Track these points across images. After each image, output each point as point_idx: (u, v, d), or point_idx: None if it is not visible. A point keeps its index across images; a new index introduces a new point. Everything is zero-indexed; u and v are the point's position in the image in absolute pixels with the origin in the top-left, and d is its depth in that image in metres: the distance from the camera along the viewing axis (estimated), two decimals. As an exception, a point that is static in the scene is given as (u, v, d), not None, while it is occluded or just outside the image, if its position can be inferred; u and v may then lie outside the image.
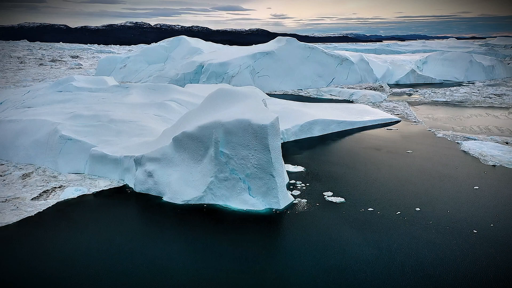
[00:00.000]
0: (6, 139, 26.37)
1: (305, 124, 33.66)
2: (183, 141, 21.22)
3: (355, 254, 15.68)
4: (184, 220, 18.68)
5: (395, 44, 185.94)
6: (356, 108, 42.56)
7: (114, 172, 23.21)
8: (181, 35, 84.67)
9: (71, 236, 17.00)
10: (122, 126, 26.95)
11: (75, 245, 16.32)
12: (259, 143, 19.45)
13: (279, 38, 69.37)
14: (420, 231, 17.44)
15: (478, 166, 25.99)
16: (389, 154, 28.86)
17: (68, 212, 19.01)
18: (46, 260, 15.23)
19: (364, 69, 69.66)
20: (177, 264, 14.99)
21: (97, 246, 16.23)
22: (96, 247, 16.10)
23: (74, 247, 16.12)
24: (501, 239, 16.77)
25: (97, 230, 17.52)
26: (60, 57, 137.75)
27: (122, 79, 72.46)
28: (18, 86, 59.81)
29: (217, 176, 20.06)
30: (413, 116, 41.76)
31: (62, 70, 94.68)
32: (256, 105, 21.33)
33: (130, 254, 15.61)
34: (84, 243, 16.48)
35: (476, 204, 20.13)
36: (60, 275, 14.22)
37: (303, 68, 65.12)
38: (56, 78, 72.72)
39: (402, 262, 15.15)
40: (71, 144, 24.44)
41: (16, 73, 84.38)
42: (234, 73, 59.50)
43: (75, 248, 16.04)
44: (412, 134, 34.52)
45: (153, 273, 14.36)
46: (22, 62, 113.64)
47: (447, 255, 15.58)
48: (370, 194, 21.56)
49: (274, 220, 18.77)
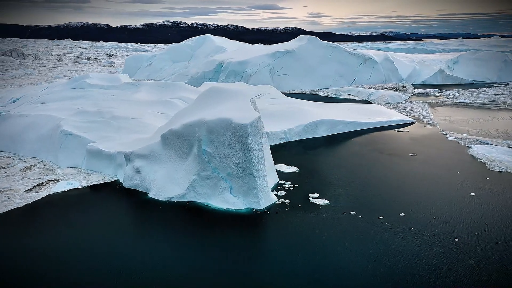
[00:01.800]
0: (15, 133, 27.78)
1: (310, 124, 33.19)
2: (170, 139, 21.54)
3: (327, 258, 15.34)
4: (164, 218, 18.95)
5: (431, 43, 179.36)
6: (370, 108, 41.46)
7: (108, 167, 23.90)
8: (207, 34, 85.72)
9: (51, 229, 17.68)
10: (123, 122, 27.68)
11: (54, 238, 16.97)
12: (240, 142, 19.43)
13: (301, 37, 68.72)
14: (398, 238, 16.82)
15: (483, 171, 24.68)
16: (391, 157, 27.96)
17: (54, 205, 19.78)
18: (22, 252, 15.93)
19: (389, 69, 67.73)
20: (151, 262, 15.19)
21: (74, 240, 16.76)
22: (73, 241, 16.62)
23: (52, 240, 16.76)
24: (481, 249, 15.89)
25: (78, 224, 18.11)
26: (96, 55, 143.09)
27: (147, 77, 74.32)
28: (49, 83, 62.73)
29: (199, 174, 20.21)
30: (429, 118, 40.19)
31: (94, 67, 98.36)
32: (243, 104, 21.29)
33: (105, 249, 16.03)
34: (63, 236, 17.09)
35: (466, 211, 19.15)
36: (34, 268, 14.84)
37: (324, 68, 64.19)
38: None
39: (373, 269, 14.69)
40: (71, 139, 25.39)
41: (51, 70, 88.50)
42: (253, 72, 59.57)
43: (53, 241, 16.68)
44: (422, 137, 33.25)
45: (127, 269, 14.66)
46: (60, 60, 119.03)
47: (420, 264, 14.93)
48: (358, 197, 21.01)
49: (252, 221, 18.68)
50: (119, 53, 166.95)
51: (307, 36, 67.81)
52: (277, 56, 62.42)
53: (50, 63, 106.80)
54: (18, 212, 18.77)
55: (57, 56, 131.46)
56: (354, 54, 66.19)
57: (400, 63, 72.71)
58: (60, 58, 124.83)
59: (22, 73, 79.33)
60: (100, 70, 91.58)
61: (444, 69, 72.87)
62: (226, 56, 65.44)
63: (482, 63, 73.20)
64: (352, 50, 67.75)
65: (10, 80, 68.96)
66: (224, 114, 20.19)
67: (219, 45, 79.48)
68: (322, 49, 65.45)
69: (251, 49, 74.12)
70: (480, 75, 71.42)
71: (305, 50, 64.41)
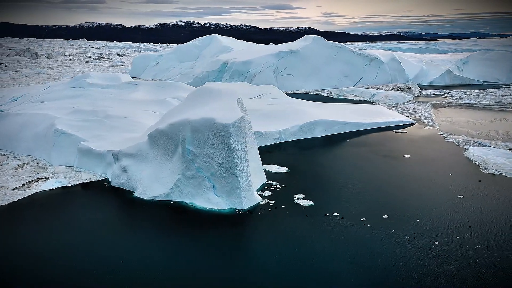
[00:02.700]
0: (11, 131, 28.29)
1: (306, 124, 33.00)
2: (157, 138, 21.67)
3: (303, 259, 15.24)
4: (147, 217, 19.05)
5: (443, 42, 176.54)
6: (371, 109, 41.01)
7: (99, 166, 24.15)
8: (214, 34, 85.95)
9: (32, 227, 17.94)
10: (116, 121, 27.95)
11: (33, 235, 17.21)
12: (222, 142, 19.43)
13: (306, 37, 68.38)
14: (377, 240, 16.61)
15: (476, 174, 24.19)
16: (384, 158, 27.62)
17: (39, 203, 20.07)
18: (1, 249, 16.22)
19: (395, 69, 66.91)
20: (130, 261, 15.24)
21: (53, 238, 16.99)
22: (52, 239, 16.85)
23: (32, 238, 17.01)
24: (461, 253, 15.58)
25: (59, 222, 18.36)
26: (107, 55, 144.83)
27: (154, 76, 74.91)
28: (52, 82, 63.72)
29: (184, 173, 20.28)
30: (431, 119, 39.58)
31: (104, 67, 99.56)
32: (228, 104, 21.27)
33: (84, 248, 16.19)
34: (42, 234, 17.33)
35: (451, 214, 18.80)
36: (11, 265, 15.10)
37: (329, 68, 63.77)
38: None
39: (348, 272, 14.56)
40: (64, 138, 25.74)
41: (61, 69, 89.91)
42: (257, 72, 59.53)
43: (32, 239, 16.92)
44: (419, 138, 32.77)
45: (105, 267, 14.79)
46: (72, 59, 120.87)
47: (397, 268, 14.72)
48: (343, 198, 20.82)
49: (233, 221, 18.66)
50: (131, 53, 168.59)
51: (312, 36, 67.43)
52: (281, 56, 62.24)
53: (61, 63, 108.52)
54: (1, 209, 19.08)
55: (69, 56, 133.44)
56: (359, 54, 65.59)
57: (408, 63, 71.77)
58: (72, 58, 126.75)
59: (33, 73, 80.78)
60: (109, 69, 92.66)
61: (453, 70, 71.69)
62: (230, 56, 65.54)
63: (492, 64, 71.81)
64: (358, 50, 67.12)
65: (19, 79, 70.29)
66: (208, 114, 20.22)
67: (225, 45, 79.61)
68: (327, 49, 65.03)
69: (257, 49, 74.04)
70: (490, 76, 70.06)
71: (310, 50, 64.07)
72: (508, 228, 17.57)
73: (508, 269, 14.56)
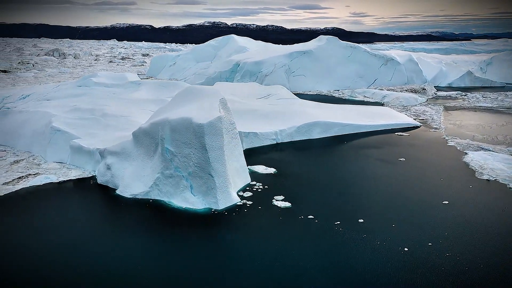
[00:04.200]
0: (13, 127, 29.41)
1: (303, 125, 32.66)
2: (140, 137, 21.99)
3: (268, 261, 15.04)
4: (123, 215, 19.34)
5: (471, 43, 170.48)
6: (376, 111, 40.12)
7: (89, 163, 24.73)
8: (231, 34, 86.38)
9: (8, 222, 18.57)
10: (111, 120, 28.55)
11: (6, 230, 17.82)
12: (198, 142, 19.51)
13: (320, 37, 67.66)
14: (346, 244, 16.23)
15: (469, 179, 23.23)
16: (377, 161, 26.96)
17: (23, 198, 20.70)
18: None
19: (412, 70, 65.17)
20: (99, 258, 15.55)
21: (26, 233, 17.49)
22: (25, 234, 17.37)
23: (11, 234, 17.61)
24: (428, 260, 15.00)
25: (37, 218, 18.89)
26: (132, 55, 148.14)
27: (170, 76, 76.02)
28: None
29: (163, 172, 20.48)
30: (438, 121, 38.31)
31: (126, 67, 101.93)
32: (209, 104, 21.31)
33: (55, 243, 16.64)
34: (17, 229, 17.90)
35: (430, 220, 18.14)
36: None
37: (343, 68, 62.85)
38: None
39: (309, 276, 14.29)
40: (59, 135, 26.51)
41: (84, 69, 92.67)
42: (268, 72, 59.38)
43: (11, 235, 17.52)
44: (420, 141, 31.78)
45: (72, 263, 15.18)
46: (97, 59, 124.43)
47: (361, 274, 14.32)
48: (323, 201, 20.47)
49: (206, 221, 18.66)
50: (156, 53, 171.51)
51: (326, 36, 66.64)
52: (294, 56, 61.84)
53: (86, 63, 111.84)
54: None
55: (96, 56, 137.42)
56: (375, 54, 64.29)
57: (426, 64, 69.75)
58: (98, 58, 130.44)
59: (56, 72, 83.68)
60: (129, 69, 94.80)
61: (475, 71, 69.18)
62: (244, 56, 65.67)
63: (517, 65, 68.72)
64: (373, 51, 65.77)
65: (42, 78, 72.95)
66: (187, 113, 20.34)
67: (242, 45, 79.87)
68: (342, 49, 64.11)
69: (273, 49, 73.85)
70: (514, 78, 67.08)
71: (323, 50, 63.36)
72: (484, 236, 16.79)
73: (474, 278, 13.92)
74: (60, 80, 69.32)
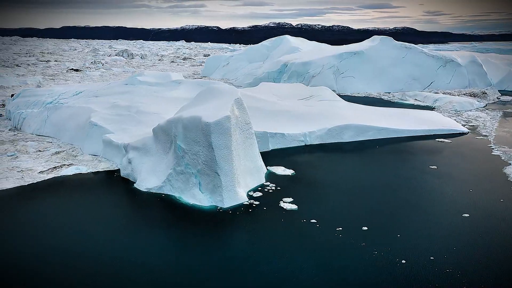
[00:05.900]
0: (62, 121, 32.04)
1: (334, 128, 31.81)
2: (158, 133, 22.92)
3: (260, 263, 15.02)
4: (134, 206, 20.39)
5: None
6: (421, 115, 37.85)
7: (118, 156, 26.20)
8: (285, 35, 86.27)
9: (40, 209, 20.30)
10: (144, 117, 30.00)
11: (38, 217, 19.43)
12: (206, 141, 19.90)
13: (374, 37, 65.23)
14: (342, 252, 15.64)
15: (502, 192, 21.17)
16: (404, 168, 25.51)
17: (51, 186, 22.45)
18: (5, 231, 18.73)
19: (475, 73, 60.46)
20: (101, 248, 16.66)
21: (43, 221, 18.89)
22: (41, 222, 18.80)
23: (36, 220, 19.19)
24: (425, 275, 13.98)
25: (54, 206, 20.30)
26: (195, 55, 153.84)
27: (223, 76, 77.82)
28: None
29: (175, 168, 21.18)
30: (490, 129, 35.23)
31: (185, 67, 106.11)
32: (223, 103, 21.61)
33: (67, 232, 17.97)
34: (33, 216, 19.49)
35: (441, 233, 16.87)
36: (12, 248, 17.45)
37: (396, 70, 60.05)
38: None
39: (297, 278, 14.08)
40: (96, 129, 28.43)
41: (146, 68, 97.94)
42: (316, 73, 58.50)
43: (36, 221, 19.09)
44: (461, 149, 29.49)
45: (74, 252, 16.41)
46: (161, 59, 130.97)
47: (347, 282, 13.79)
48: (332, 206, 19.88)
49: (211, 217, 18.97)
50: (218, 53, 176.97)
51: (380, 36, 64.08)
52: (343, 57, 60.28)
53: (150, 63, 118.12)
54: (20, 189, 21.88)
55: (161, 56, 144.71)
56: (432, 56, 60.60)
57: (493, 66, 64.30)
58: (162, 58, 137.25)
59: (120, 71, 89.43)
60: (187, 69, 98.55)
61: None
62: (293, 57, 65.31)
63: None
64: (431, 51, 62.02)
65: (106, 77, 78.39)
66: (199, 112, 20.83)
67: (294, 45, 79.45)
68: (395, 50, 61.28)
69: (325, 49, 72.60)
70: None
71: (376, 51, 61.03)
72: (497, 256, 15.22)
73: (467, 301, 12.75)
74: (120, 79, 74.03)
